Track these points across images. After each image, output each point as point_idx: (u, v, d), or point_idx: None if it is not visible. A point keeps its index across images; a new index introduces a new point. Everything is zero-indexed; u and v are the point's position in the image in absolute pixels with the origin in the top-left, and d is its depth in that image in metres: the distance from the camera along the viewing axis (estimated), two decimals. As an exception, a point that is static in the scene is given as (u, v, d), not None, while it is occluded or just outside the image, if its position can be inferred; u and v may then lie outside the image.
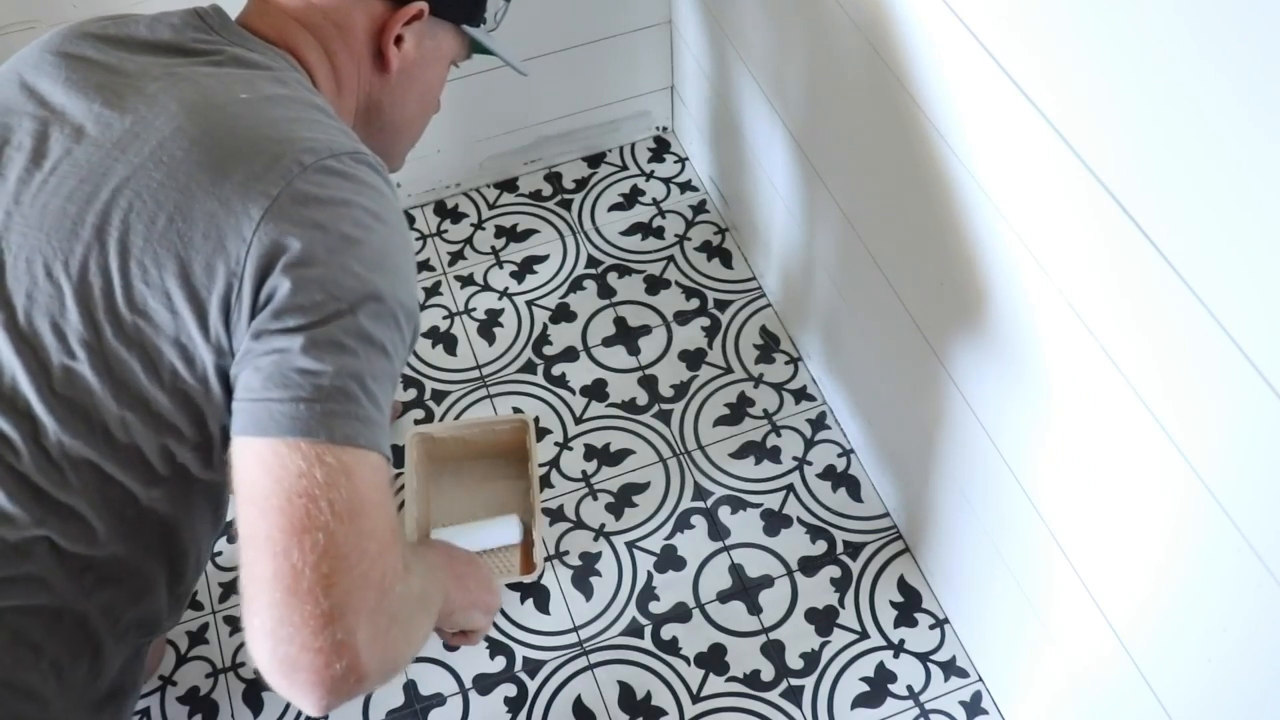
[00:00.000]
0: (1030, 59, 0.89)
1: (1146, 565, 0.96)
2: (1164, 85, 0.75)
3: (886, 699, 1.37)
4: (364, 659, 0.78)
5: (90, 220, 0.86)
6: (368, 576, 0.79)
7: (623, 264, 1.77)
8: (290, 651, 0.78)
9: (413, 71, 1.08)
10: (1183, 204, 0.77)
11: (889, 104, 1.14)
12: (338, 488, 0.79)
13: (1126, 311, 0.87)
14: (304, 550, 0.77)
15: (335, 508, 0.78)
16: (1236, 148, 0.71)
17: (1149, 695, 1.02)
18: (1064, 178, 0.88)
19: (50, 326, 0.86)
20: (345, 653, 0.77)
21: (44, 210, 0.88)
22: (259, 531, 0.78)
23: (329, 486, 0.79)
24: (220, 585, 1.49)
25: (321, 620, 0.77)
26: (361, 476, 0.81)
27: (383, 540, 0.81)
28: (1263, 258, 0.71)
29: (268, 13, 1.01)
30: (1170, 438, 0.86)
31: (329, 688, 0.79)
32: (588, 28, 1.73)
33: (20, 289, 0.87)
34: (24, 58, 0.97)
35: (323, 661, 0.78)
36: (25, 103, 0.93)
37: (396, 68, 1.05)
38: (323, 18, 1.01)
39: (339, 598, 0.77)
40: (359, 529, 0.79)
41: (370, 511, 0.80)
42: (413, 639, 0.88)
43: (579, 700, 1.39)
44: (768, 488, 1.54)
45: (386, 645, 0.80)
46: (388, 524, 0.82)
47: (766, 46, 1.44)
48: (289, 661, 0.79)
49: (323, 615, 0.77)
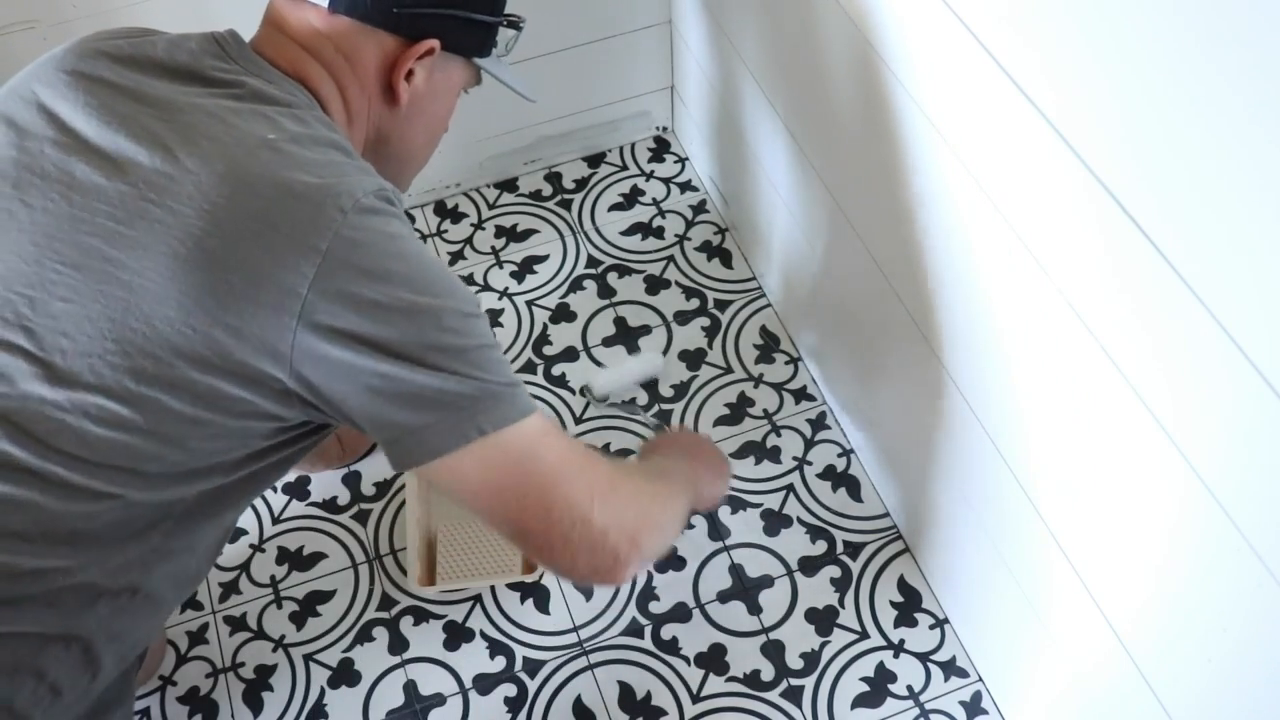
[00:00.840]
0: (1030, 58, 0.89)
1: (1146, 565, 0.96)
2: (1163, 84, 0.75)
3: (886, 699, 1.37)
4: (632, 563, 0.97)
5: (128, 263, 0.85)
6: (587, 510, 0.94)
7: (623, 264, 1.77)
8: (586, 577, 0.98)
9: (422, 104, 1.07)
10: (1183, 204, 0.77)
11: (888, 103, 1.14)
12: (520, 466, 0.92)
13: (1126, 311, 0.87)
14: (536, 523, 0.93)
15: (530, 482, 0.93)
16: (1236, 147, 0.71)
17: (1149, 695, 1.02)
18: (1063, 177, 0.88)
19: (88, 369, 0.86)
20: (620, 568, 0.96)
21: (78, 248, 0.86)
22: (503, 526, 0.95)
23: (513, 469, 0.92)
24: (220, 585, 1.49)
25: (588, 559, 0.95)
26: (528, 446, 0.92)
27: (578, 481, 0.94)
28: (1262, 257, 0.71)
29: (281, 42, 1.00)
30: (1170, 437, 0.86)
31: (624, 578, 0.98)
32: (588, 28, 1.73)
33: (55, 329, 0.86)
34: (37, 76, 0.94)
35: (610, 576, 0.97)
36: (45, 127, 0.91)
37: (406, 101, 1.05)
38: (334, 50, 1.00)
39: (579, 542, 0.94)
40: (556, 489, 0.93)
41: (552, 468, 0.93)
42: (665, 523, 1.05)
43: (579, 700, 1.39)
44: (768, 488, 1.54)
45: (644, 538, 0.98)
46: (575, 469, 0.95)
47: (766, 46, 1.44)
48: (593, 578, 0.98)
49: (581, 558, 0.95)
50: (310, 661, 1.43)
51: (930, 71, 1.05)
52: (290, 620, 1.46)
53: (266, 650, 1.44)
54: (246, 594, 1.48)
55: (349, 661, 1.43)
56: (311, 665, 1.43)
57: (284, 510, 1.55)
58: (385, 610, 1.46)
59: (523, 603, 1.46)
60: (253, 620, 1.46)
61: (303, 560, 1.51)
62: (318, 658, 1.43)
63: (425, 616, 1.46)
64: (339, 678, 1.42)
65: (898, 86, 1.11)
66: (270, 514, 1.54)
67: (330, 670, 1.42)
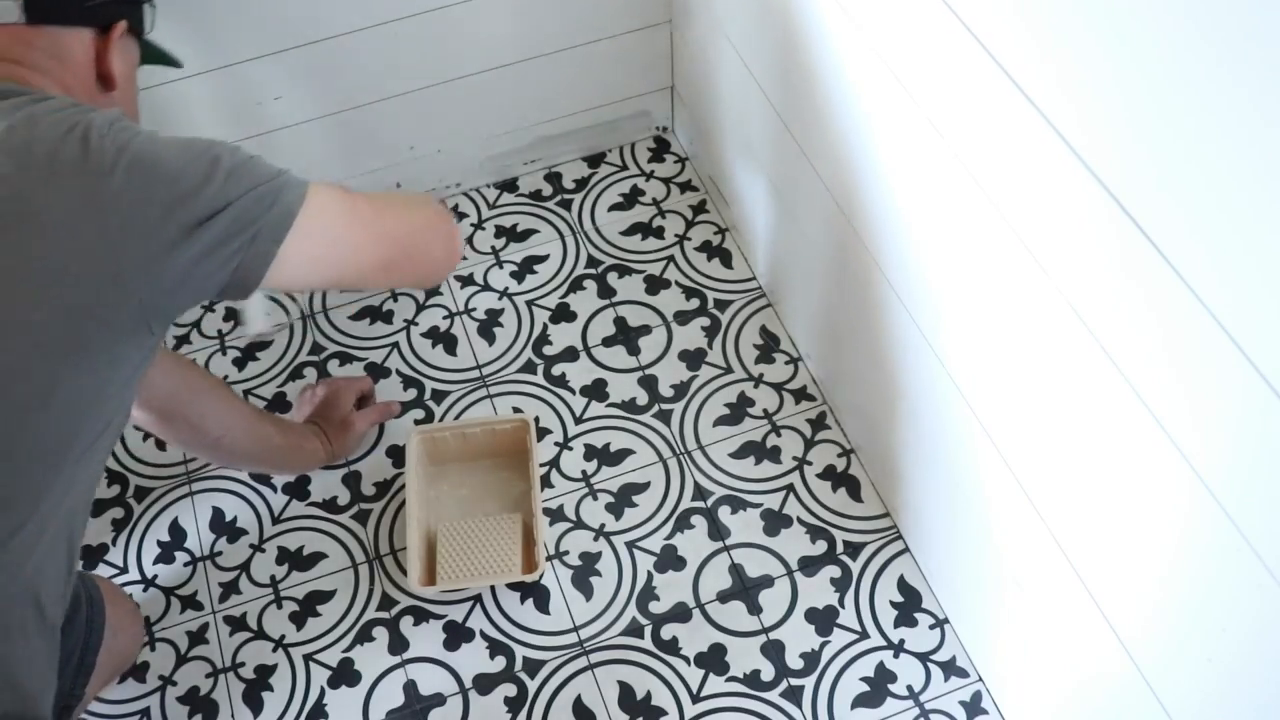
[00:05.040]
0: (1032, 61, 0.89)
1: (1147, 565, 0.96)
2: (1164, 84, 0.75)
3: (886, 699, 1.37)
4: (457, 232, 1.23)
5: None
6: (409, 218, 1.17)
7: (623, 264, 1.78)
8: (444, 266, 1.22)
9: (124, 84, 1.14)
10: (1185, 207, 0.77)
11: (889, 104, 1.14)
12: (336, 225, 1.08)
13: (1129, 314, 0.87)
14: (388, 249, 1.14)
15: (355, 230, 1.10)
16: (1236, 146, 0.71)
17: (1149, 695, 1.02)
18: (1065, 180, 0.88)
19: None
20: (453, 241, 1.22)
21: None
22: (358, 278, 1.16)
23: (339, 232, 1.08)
24: (220, 585, 1.49)
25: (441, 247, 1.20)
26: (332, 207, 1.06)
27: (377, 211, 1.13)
28: (1264, 258, 0.71)
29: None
30: (1171, 439, 0.86)
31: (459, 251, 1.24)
32: (588, 28, 1.73)
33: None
34: None
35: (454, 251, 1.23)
36: None
37: (118, 85, 1.12)
38: (41, 54, 1.06)
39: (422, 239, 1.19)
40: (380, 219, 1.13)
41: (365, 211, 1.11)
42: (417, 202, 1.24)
43: (579, 700, 1.39)
44: (768, 488, 1.54)
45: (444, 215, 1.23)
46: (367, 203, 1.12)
47: (766, 46, 1.44)
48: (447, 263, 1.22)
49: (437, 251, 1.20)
50: (310, 661, 1.43)
51: (931, 72, 1.05)
52: (290, 620, 1.46)
53: (266, 650, 1.44)
54: (246, 594, 1.48)
55: (349, 661, 1.43)
56: (311, 665, 1.43)
57: (284, 510, 1.55)
58: (385, 610, 1.46)
59: (523, 603, 1.46)
60: (253, 620, 1.46)
61: (303, 560, 1.51)
62: (318, 658, 1.43)
63: (425, 616, 1.46)
64: (339, 678, 1.42)
65: (898, 86, 1.11)
66: (270, 514, 1.54)
67: (330, 670, 1.42)
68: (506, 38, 1.69)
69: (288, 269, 1.02)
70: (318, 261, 1.07)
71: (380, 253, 1.12)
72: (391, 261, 1.14)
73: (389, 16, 1.59)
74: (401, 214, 1.16)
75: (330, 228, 1.06)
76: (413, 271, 1.19)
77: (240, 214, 0.98)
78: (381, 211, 1.13)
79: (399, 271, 1.17)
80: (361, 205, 1.10)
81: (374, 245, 1.12)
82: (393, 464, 1.58)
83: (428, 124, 1.75)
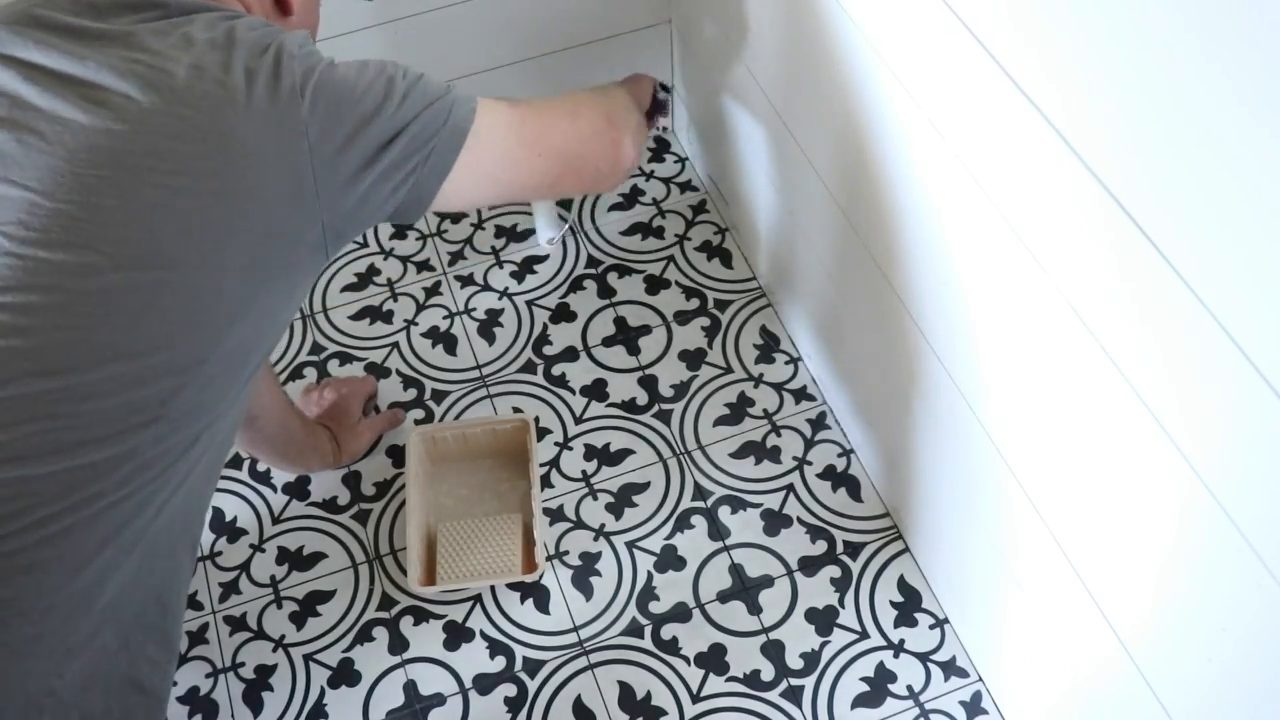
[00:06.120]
0: (1031, 60, 0.89)
1: (1147, 565, 0.96)
2: (1163, 83, 0.75)
3: (886, 699, 1.37)
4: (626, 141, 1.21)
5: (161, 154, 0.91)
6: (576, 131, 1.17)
7: (623, 264, 1.77)
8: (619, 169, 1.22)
9: (302, 12, 1.14)
10: (1185, 206, 0.77)
11: (889, 103, 1.14)
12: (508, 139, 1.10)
13: (1128, 313, 0.87)
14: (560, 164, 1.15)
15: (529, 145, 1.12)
16: (1236, 146, 0.71)
17: (1149, 695, 1.02)
18: (1065, 179, 0.88)
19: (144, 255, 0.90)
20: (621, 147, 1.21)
21: (107, 153, 0.90)
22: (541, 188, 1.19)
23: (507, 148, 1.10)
24: (220, 585, 1.49)
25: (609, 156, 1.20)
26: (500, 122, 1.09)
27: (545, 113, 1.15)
28: (1264, 257, 0.71)
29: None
30: (1171, 439, 0.86)
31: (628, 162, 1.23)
32: (588, 28, 1.73)
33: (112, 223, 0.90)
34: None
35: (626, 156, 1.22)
36: (4, 70, 0.94)
37: (298, 8, 1.12)
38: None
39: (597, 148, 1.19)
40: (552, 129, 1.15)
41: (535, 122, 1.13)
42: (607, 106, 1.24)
43: (579, 700, 1.39)
44: (768, 488, 1.54)
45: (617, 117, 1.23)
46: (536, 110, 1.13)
47: (767, 46, 1.44)
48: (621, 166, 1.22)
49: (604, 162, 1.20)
50: (310, 661, 1.43)
51: (931, 71, 1.05)
52: (290, 620, 1.46)
53: (266, 650, 1.44)
54: (246, 594, 1.48)
55: (349, 661, 1.43)
56: (311, 665, 1.43)
57: (284, 510, 1.55)
58: (385, 610, 1.46)
59: (523, 603, 1.46)
60: (253, 620, 1.46)
61: (303, 560, 1.51)
62: (318, 658, 1.43)
63: (425, 616, 1.46)
64: (339, 678, 1.42)
65: (898, 86, 1.11)
66: (270, 514, 1.54)
67: (330, 670, 1.42)
68: (506, 37, 1.69)
69: (458, 187, 1.04)
70: (486, 179, 1.08)
71: (545, 168, 1.13)
72: (557, 177, 1.15)
73: (389, 16, 1.59)
74: (567, 126, 1.15)
75: (498, 145, 1.07)
76: (577, 184, 1.20)
77: (417, 134, 1.00)
78: (547, 126, 1.13)
79: (564, 185, 1.19)
80: (529, 120, 1.11)
81: (539, 161, 1.12)
82: (393, 464, 1.59)
83: (428, 124, 1.74)
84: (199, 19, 0.99)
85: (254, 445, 1.47)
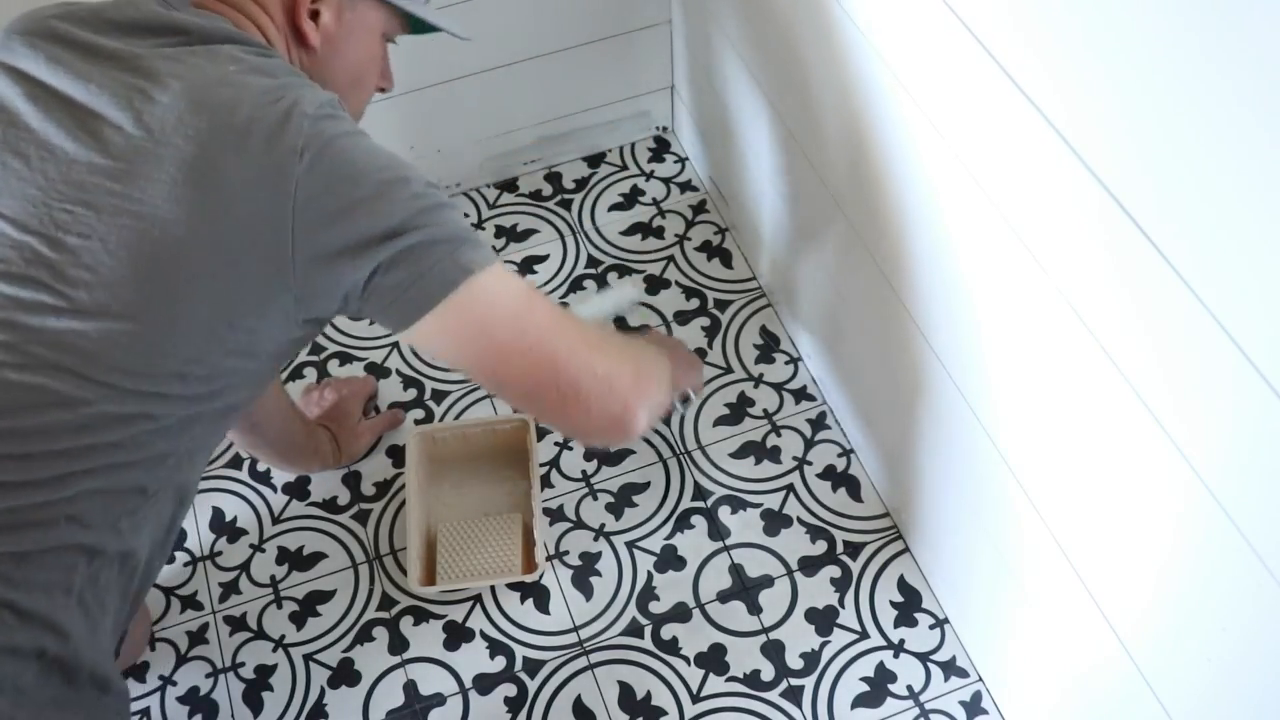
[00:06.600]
0: (1030, 59, 0.89)
1: (1147, 565, 0.96)
2: (1163, 83, 0.75)
3: (886, 699, 1.37)
4: (639, 410, 1.02)
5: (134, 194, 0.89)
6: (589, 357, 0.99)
7: (623, 264, 1.77)
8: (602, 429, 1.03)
9: (338, 46, 1.07)
10: (1184, 206, 0.77)
11: (889, 103, 1.14)
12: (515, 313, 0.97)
13: (1127, 313, 0.87)
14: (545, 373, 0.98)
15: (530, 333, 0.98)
16: (1236, 147, 0.71)
17: (1149, 695, 1.02)
18: (1065, 179, 0.88)
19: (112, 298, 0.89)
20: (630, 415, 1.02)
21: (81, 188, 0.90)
22: (512, 387, 1.00)
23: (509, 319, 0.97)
24: (220, 585, 1.49)
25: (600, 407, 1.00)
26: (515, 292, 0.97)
27: (572, 330, 1.00)
28: (1263, 257, 0.71)
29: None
30: (1171, 438, 0.86)
31: (635, 426, 1.03)
32: (588, 28, 1.73)
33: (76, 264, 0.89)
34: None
35: (623, 424, 1.02)
36: (12, 86, 0.94)
37: (319, 43, 1.05)
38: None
39: (590, 390, 0.99)
40: (558, 338, 0.98)
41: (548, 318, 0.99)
42: (656, 375, 1.08)
43: (579, 700, 1.39)
44: (768, 488, 1.54)
45: (644, 385, 1.04)
46: (566, 320, 1.01)
47: (766, 46, 1.44)
48: (609, 430, 1.02)
49: (594, 407, 1.00)
50: (310, 661, 1.43)
51: (930, 71, 1.05)
52: (290, 620, 1.46)
53: (266, 650, 1.44)
54: (246, 594, 1.48)
55: (349, 661, 1.43)
56: (311, 665, 1.43)
57: (284, 510, 1.55)
58: (385, 610, 1.46)
59: (523, 603, 1.46)
60: (253, 620, 1.46)
61: (303, 560, 1.51)
62: (318, 658, 1.43)
63: (425, 616, 1.46)
64: (339, 678, 1.42)
65: (897, 86, 1.11)
66: (270, 514, 1.54)
67: (330, 670, 1.42)
68: (506, 37, 1.69)
69: (427, 332, 0.94)
70: (460, 338, 0.96)
71: (526, 369, 0.97)
72: (536, 388, 0.98)
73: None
74: (580, 349, 0.98)
75: (488, 311, 0.95)
76: (557, 415, 1.01)
77: (412, 247, 0.92)
78: (555, 332, 0.98)
79: (541, 404, 1.00)
80: (538, 312, 0.97)
81: (521, 358, 0.97)
82: (393, 464, 1.58)
83: (427, 124, 1.75)
84: (221, 51, 0.96)
85: (254, 446, 1.47)
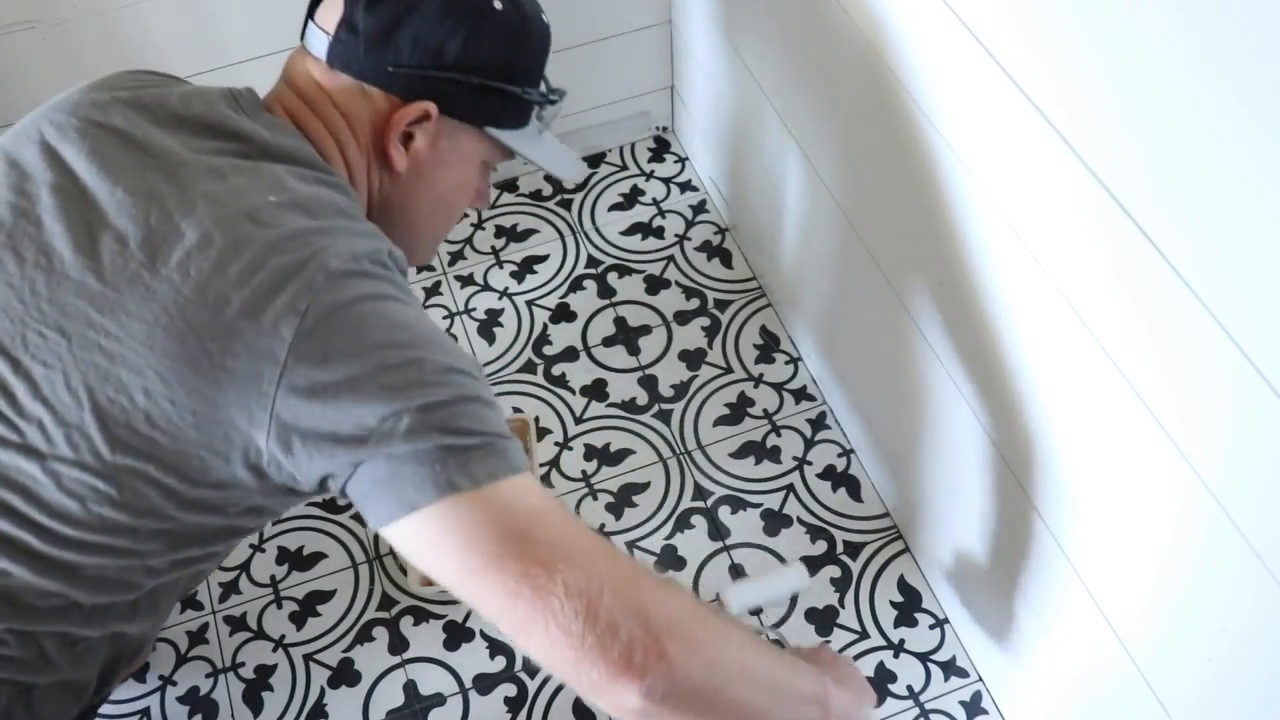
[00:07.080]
0: (1033, 61, 0.89)
1: (1147, 565, 0.96)
2: (1163, 84, 0.75)
3: (887, 699, 1.37)
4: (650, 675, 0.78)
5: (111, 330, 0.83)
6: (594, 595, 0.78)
7: (623, 264, 1.78)
8: (590, 684, 0.80)
9: (425, 172, 1.01)
10: (1185, 206, 0.77)
11: (889, 103, 1.14)
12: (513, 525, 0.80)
13: (1128, 313, 0.87)
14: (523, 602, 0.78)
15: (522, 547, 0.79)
16: (1236, 147, 0.71)
17: (1149, 694, 1.02)
18: (1065, 180, 0.88)
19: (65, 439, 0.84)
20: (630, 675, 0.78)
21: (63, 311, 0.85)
22: (489, 606, 0.80)
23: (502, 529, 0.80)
24: (220, 585, 1.49)
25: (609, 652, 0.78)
26: (521, 505, 0.81)
27: (585, 561, 0.80)
28: (1264, 258, 0.71)
29: (289, 97, 0.99)
30: (1171, 438, 0.86)
31: (633, 696, 0.79)
32: (588, 28, 1.73)
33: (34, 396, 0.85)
34: (49, 118, 0.93)
35: (615, 687, 0.79)
36: (45, 170, 0.89)
37: (405, 167, 1.00)
38: (332, 106, 0.98)
39: (578, 632, 0.78)
40: (556, 562, 0.79)
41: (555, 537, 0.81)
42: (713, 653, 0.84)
43: (579, 700, 1.39)
44: (768, 488, 1.54)
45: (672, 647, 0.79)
46: (585, 546, 0.82)
47: (767, 46, 1.44)
48: (599, 687, 0.79)
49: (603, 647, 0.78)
50: (310, 661, 1.43)
51: (931, 72, 1.05)
52: (290, 620, 1.46)
53: (266, 650, 1.44)
54: (246, 594, 1.48)
55: (349, 661, 1.43)
56: (311, 665, 1.43)
57: (284, 510, 1.55)
58: (385, 610, 1.47)
59: (523, 603, 1.46)
60: (253, 620, 1.46)
61: (303, 560, 1.51)
62: (318, 658, 1.43)
63: (425, 616, 1.46)
64: (339, 678, 1.42)
65: (898, 86, 1.11)
66: (270, 514, 1.54)
67: (330, 670, 1.42)
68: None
69: (404, 533, 0.82)
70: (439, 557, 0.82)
71: (490, 585, 0.80)
72: (502, 601, 0.80)
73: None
74: (566, 569, 0.79)
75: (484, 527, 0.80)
76: (511, 625, 0.81)
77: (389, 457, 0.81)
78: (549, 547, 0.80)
79: (499, 613, 0.81)
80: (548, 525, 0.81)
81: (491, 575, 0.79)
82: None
83: (428, 124, 1.75)
84: (270, 173, 0.90)
85: None
